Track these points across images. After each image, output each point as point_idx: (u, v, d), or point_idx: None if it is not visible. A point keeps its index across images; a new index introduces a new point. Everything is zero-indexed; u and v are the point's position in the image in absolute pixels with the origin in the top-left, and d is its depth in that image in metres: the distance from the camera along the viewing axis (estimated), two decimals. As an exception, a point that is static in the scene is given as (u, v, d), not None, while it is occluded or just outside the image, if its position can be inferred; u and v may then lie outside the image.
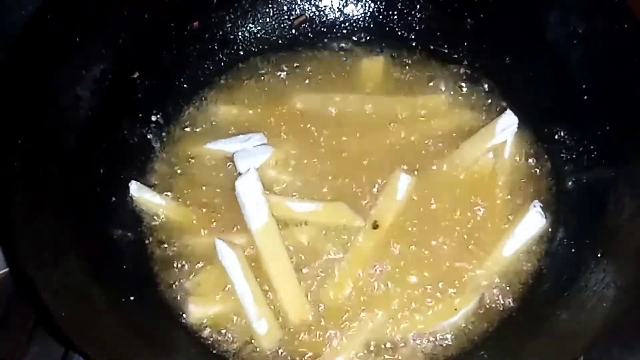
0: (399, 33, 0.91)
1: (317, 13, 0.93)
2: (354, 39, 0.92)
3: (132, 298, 0.70)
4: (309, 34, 0.93)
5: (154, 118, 0.84)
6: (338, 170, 0.81)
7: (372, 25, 0.93)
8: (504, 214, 0.77)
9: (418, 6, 0.90)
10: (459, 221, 0.77)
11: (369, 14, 0.93)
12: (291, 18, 0.92)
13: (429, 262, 0.75)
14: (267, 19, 0.92)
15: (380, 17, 0.92)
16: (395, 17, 0.91)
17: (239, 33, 0.91)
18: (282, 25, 0.92)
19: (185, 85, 0.88)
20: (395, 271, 0.74)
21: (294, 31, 0.93)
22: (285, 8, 0.92)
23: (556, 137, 0.80)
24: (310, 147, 0.83)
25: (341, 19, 0.94)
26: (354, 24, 0.93)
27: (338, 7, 0.94)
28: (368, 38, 0.92)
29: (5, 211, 0.63)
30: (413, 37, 0.91)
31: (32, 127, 0.69)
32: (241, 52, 0.91)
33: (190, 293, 0.74)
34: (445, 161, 0.80)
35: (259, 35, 0.92)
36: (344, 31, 0.93)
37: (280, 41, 0.92)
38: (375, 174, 0.80)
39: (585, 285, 0.66)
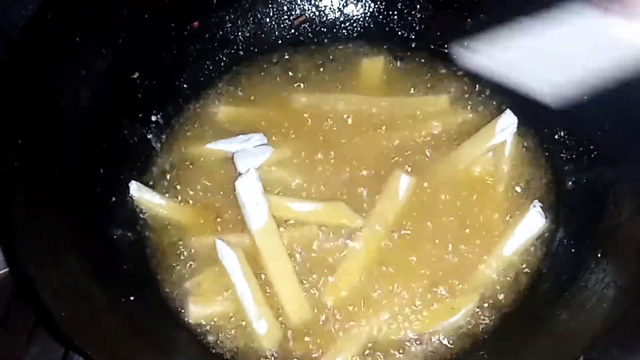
0: (399, 33, 0.92)
1: (317, 13, 0.94)
2: (354, 39, 0.92)
3: (132, 298, 0.70)
4: (309, 34, 0.93)
5: (154, 118, 0.84)
6: (338, 170, 0.81)
7: (372, 25, 0.93)
8: (504, 214, 0.77)
9: (418, 6, 0.90)
10: (459, 221, 0.77)
11: (369, 14, 0.93)
12: (291, 18, 0.92)
13: (428, 263, 0.75)
14: (267, 19, 0.92)
15: (380, 17, 0.92)
16: (395, 17, 0.91)
17: (239, 33, 0.91)
18: (282, 25, 0.92)
19: (185, 85, 0.88)
20: (394, 271, 0.74)
21: (293, 31, 0.93)
22: (285, 8, 0.92)
23: (556, 137, 0.80)
24: (310, 147, 0.83)
25: (341, 19, 0.94)
26: (354, 24, 0.93)
27: (338, 7, 0.94)
28: (368, 38, 0.92)
29: (5, 211, 0.63)
30: (413, 37, 0.91)
31: (32, 127, 0.69)
32: (241, 52, 0.91)
33: (190, 293, 0.74)
34: (445, 161, 0.80)
35: (259, 35, 0.92)
36: (344, 31, 0.94)
37: (280, 41, 0.92)
38: (375, 174, 0.80)
39: (585, 285, 0.66)
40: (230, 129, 0.85)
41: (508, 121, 0.79)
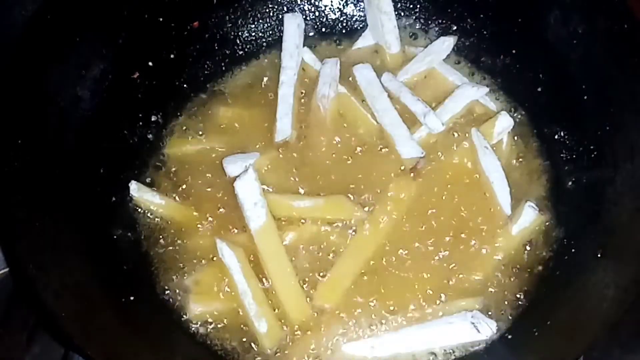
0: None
1: (317, 13, 0.94)
2: (354, 38, 0.92)
3: (132, 298, 0.70)
4: (310, 34, 0.93)
5: (154, 118, 0.84)
6: (337, 171, 0.81)
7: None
8: (503, 215, 0.77)
9: (418, 6, 0.90)
10: (458, 222, 0.77)
11: (369, 13, 0.93)
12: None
13: (428, 263, 0.75)
14: (267, 19, 0.92)
15: (380, 17, 0.92)
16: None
17: (239, 33, 0.91)
18: (281, 26, 0.92)
19: (185, 85, 0.88)
20: (394, 271, 0.74)
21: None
22: (285, 8, 0.92)
23: (556, 137, 0.80)
24: (310, 147, 0.83)
25: (341, 19, 0.94)
26: (354, 24, 0.93)
27: (338, 7, 0.94)
28: (368, 37, 0.92)
29: (5, 211, 0.63)
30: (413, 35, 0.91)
31: (32, 127, 0.69)
32: (241, 52, 0.91)
33: (190, 291, 0.74)
34: (444, 162, 0.80)
35: (259, 35, 0.92)
36: (344, 31, 0.94)
37: (280, 41, 0.92)
38: (375, 175, 0.80)
39: (585, 285, 0.66)
40: (229, 128, 0.85)
41: (504, 124, 0.80)
